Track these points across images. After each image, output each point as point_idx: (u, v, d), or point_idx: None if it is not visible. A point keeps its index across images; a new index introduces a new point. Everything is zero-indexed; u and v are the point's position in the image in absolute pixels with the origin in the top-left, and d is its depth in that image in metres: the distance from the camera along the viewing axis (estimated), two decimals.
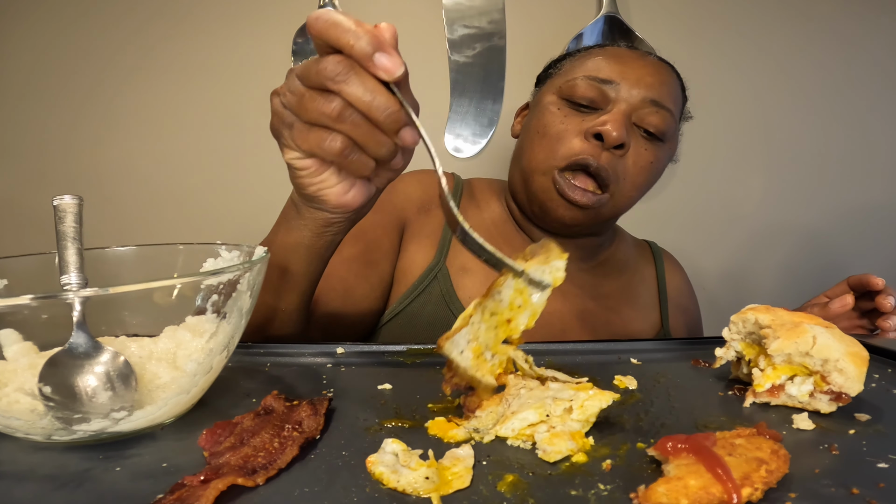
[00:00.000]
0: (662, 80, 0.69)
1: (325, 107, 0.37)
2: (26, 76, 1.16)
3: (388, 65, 0.36)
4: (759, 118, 1.19)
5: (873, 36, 1.17)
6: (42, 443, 0.34)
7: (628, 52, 0.72)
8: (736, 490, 0.25)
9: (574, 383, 0.39)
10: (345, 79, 0.36)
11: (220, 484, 0.27)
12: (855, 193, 1.22)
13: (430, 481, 0.28)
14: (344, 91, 0.36)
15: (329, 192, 0.44)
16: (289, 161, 0.43)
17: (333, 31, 0.36)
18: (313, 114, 0.38)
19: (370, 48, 0.36)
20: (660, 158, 0.70)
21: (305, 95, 0.38)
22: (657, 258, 0.87)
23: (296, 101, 0.39)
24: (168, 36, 1.15)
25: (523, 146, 0.74)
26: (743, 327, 0.43)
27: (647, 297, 0.82)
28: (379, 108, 0.37)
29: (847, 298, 0.68)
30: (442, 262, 0.73)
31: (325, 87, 0.37)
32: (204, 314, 0.39)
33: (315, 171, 0.43)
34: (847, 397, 0.37)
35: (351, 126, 0.38)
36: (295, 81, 0.39)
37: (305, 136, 0.40)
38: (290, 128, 0.41)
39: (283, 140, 0.42)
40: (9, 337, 0.34)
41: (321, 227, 0.49)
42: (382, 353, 0.51)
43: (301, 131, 0.40)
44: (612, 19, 1.12)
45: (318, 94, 0.38)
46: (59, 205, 0.38)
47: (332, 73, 0.36)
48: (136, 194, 1.18)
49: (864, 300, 0.70)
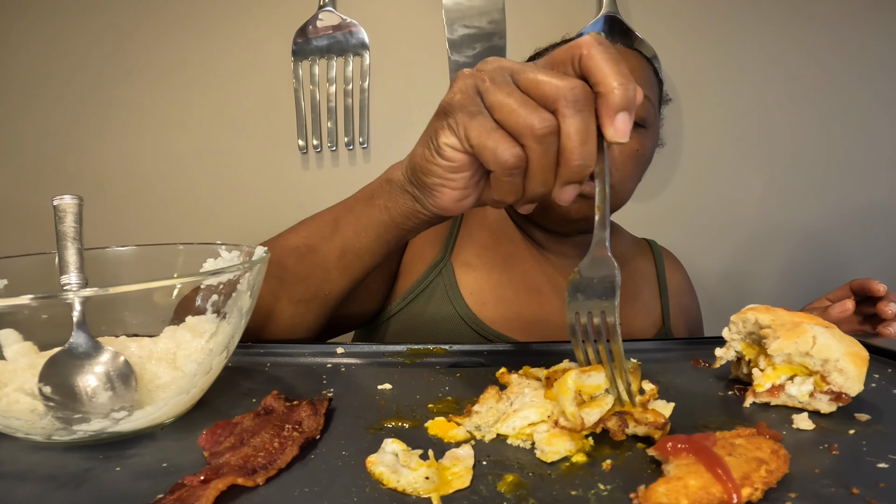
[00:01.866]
0: (633, 67, 0.70)
1: (534, 119, 0.33)
2: (26, 76, 1.16)
3: (624, 129, 0.33)
4: (760, 118, 1.19)
5: (875, 36, 1.17)
6: (42, 443, 0.34)
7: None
8: (736, 490, 0.25)
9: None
10: (577, 111, 0.33)
11: (220, 484, 0.27)
12: (856, 194, 1.22)
13: (430, 481, 0.28)
14: (566, 120, 0.33)
15: (449, 192, 0.41)
16: (442, 144, 0.38)
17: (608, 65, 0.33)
18: (514, 119, 0.34)
19: (624, 103, 0.33)
20: (645, 146, 0.71)
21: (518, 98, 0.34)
22: (657, 256, 0.87)
23: (501, 96, 0.34)
24: (168, 35, 1.15)
25: None
26: (743, 327, 0.43)
27: (647, 295, 0.82)
28: (581, 156, 0.33)
29: (847, 303, 0.68)
30: (447, 258, 0.73)
31: (546, 104, 0.34)
32: (204, 314, 0.39)
33: (456, 168, 0.39)
34: (847, 397, 0.37)
35: (540, 153, 0.34)
36: (505, 77, 0.35)
37: (487, 132, 0.35)
38: (472, 116, 0.36)
39: (453, 122, 0.37)
40: (9, 337, 0.34)
41: (404, 216, 0.46)
42: (382, 353, 0.51)
43: (483, 126, 0.35)
44: (612, 19, 1.12)
45: (534, 103, 0.34)
46: (59, 205, 0.38)
47: (572, 98, 0.33)
48: (136, 194, 1.18)
49: (865, 305, 0.69)
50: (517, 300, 0.73)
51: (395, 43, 1.15)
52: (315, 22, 1.12)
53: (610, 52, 0.33)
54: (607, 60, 0.33)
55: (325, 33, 1.13)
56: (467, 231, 0.77)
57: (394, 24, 1.14)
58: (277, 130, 1.16)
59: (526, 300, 0.73)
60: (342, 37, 1.13)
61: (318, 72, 1.14)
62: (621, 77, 0.33)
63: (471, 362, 0.49)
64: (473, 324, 0.69)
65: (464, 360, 0.50)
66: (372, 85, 1.15)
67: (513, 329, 0.70)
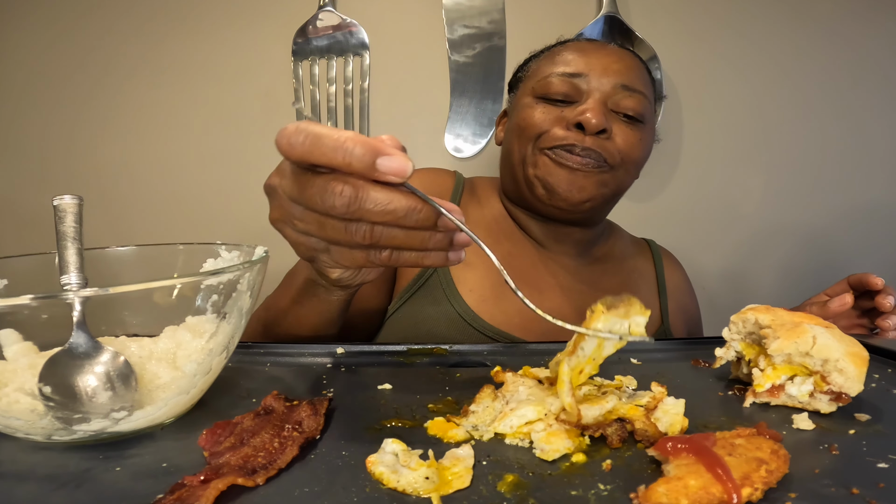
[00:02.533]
0: (628, 65, 0.72)
1: (355, 236, 0.35)
2: (27, 76, 1.16)
3: (396, 166, 0.33)
4: (759, 118, 1.19)
5: (874, 36, 1.17)
6: (42, 443, 0.34)
7: (590, 45, 0.74)
8: (736, 490, 0.25)
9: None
10: (358, 206, 0.34)
11: (220, 484, 0.27)
12: (855, 193, 1.22)
13: (430, 481, 0.28)
14: (365, 216, 0.34)
15: (370, 275, 0.45)
16: (336, 277, 0.43)
17: (320, 151, 0.33)
18: (346, 241, 0.36)
19: (369, 157, 0.32)
20: (644, 138, 0.72)
21: (326, 225, 0.36)
22: (656, 255, 0.87)
23: (317, 229, 0.37)
24: (168, 36, 1.15)
25: (509, 147, 0.75)
26: (743, 327, 0.43)
27: (646, 294, 0.82)
28: (406, 215, 0.34)
29: (846, 298, 0.68)
30: None
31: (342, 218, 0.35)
32: (204, 314, 0.39)
33: (358, 272, 0.44)
34: (847, 397, 0.37)
35: (388, 239, 0.36)
36: (295, 207, 0.37)
37: (350, 256, 0.38)
38: (327, 252, 0.39)
39: (322, 263, 0.41)
40: (9, 337, 0.34)
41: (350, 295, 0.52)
42: (382, 353, 0.51)
43: (342, 253, 0.38)
44: (612, 19, 1.12)
45: (339, 221, 0.35)
46: (59, 205, 0.38)
47: (344, 206, 0.34)
48: (136, 194, 1.18)
49: (864, 299, 0.70)
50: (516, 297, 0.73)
51: (395, 43, 1.15)
52: (315, 22, 1.12)
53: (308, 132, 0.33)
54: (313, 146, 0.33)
55: (325, 33, 1.13)
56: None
57: (394, 24, 1.14)
58: (277, 130, 1.15)
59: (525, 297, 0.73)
60: (342, 37, 1.13)
61: (318, 72, 1.14)
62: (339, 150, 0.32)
63: (471, 362, 0.49)
64: (473, 321, 0.69)
65: (464, 360, 0.50)
66: (372, 85, 1.15)
67: (512, 326, 0.70)
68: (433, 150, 1.16)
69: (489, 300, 0.71)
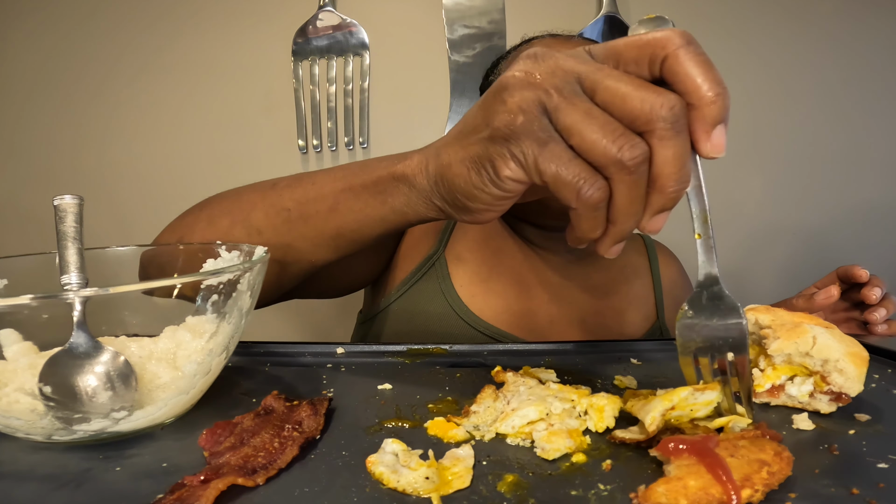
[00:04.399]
0: None
1: (624, 148, 0.28)
2: (29, 77, 1.16)
3: (720, 143, 0.29)
4: (759, 118, 1.19)
5: (871, 37, 1.17)
6: (42, 443, 0.34)
7: (554, 40, 0.73)
8: (735, 491, 0.25)
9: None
10: (677, 133, 0.28)
11: (220, 484, 0.27)
12: (854, 193, 1.22)
13: (430, 481, 0.28)
14: (663, 143, 0.28)
15: (493, 214, 0.36)
16: (505, 178, 0.32)
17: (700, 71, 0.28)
18: (599, 149, 0.28)
19: (722, 114, 0.28)
20: None
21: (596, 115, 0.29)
22: (650, 249, 0.87)
23: (577, 117, 0.29)
24: (170, 37, 1.15)
25: None
26: None
27: (640, 289, 0.82)
28: (679, 181, 0.29)
29: (832, 290, 0.67)
30: (441, 251, 0.74)
31: (635, 124, 0.28)
32: (204, 314, 0.39)
33: (512, 197, 0.34)
34: (847, 397, 0.37)
35: (630, 184, 0.29)
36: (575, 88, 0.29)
37: (564, 165, 0.30)
38: (542, 144, 0.30)
39: (518, 150, 0.31)
40: (9, 337, 0.34)
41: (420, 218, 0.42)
42: (382, 353, 0.51)
43: (558, 157, 0.30)
44: (612, 19, 1.12)
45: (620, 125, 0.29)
46: (60, 204, 0.38)
47: (671, 118, 0.28)
48: (136, 194, 1.18)
49: (854, 291, 0.69)
50: (505, 293, 0.73)
51: (395, 43, 1.15)
52: (315, 22, 1.12)
53: (700, 54, 0.28)
54: (699, 65, 0.28)
55: (325, 33, 1.13)
56: (462, 226, 0.78)
57: (394, 24, 1.14)
58: (277, 130, 1.16)
59: (514, 293, 0.74)
60: (342, 37, 1.13)
61: (318, 72, 1.14)
62: (717, 86, 0.28)
63: (471, 362, 0.49)
64: (465, 315, 0.70)
65: (464, 360, 0.50)
66: (372, 85, 1.15)
67: (501, 320, 0.71)
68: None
69: (478, 295, 0.72)
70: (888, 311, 0.66)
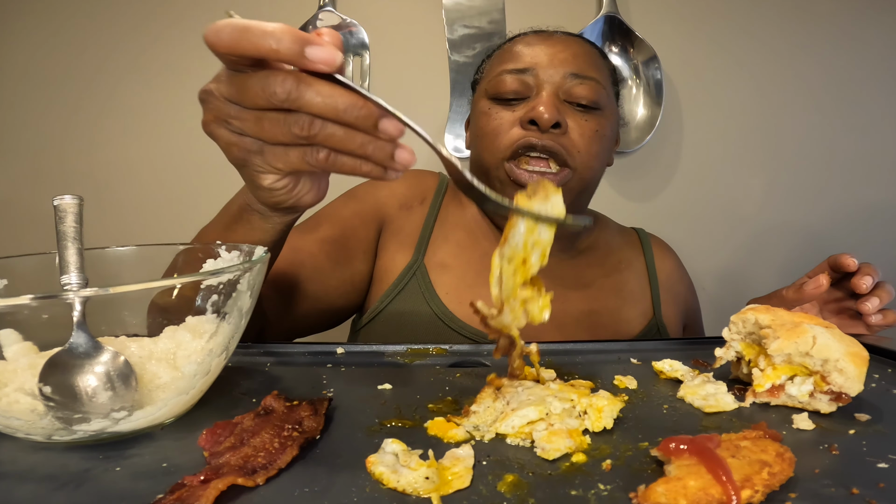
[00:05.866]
0: (575, 52, 0.71)
1: (294, 127, 0.35)
2: (25, 76, 1.16)
3: (324, 55, 0.33)
4: (760, 118, 1.19)
5: (876, 35, 1.17)
6: (42, 443, 0.34)
7: (536, 37, 0.73)
8: (735, 492, 0.25)
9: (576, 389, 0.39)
10: (298, 94, 0.34)
11: (220, 484, 0.27)
12: (856, 194, 1.22)
13: (430, 481, 0.28)
14: (304, 106, 0.34)
15: (306, 197, 0.44)
16: (268, 185, 0.41)
17: (247, 39, 0.33)
18: (284, 136, 0.36)
19: (297, 45, 0.33)
20: (603, 125, 0.71)
21: (264, 119, 0.36)
22: (645, 244, 0.86)
23: (253, 125, 0.37)
24: (167, 35, 1.15)
25: (476, 154, 0.75)
26: (743, 327, 0.43)
27: (635, 285, 0.81)
28: (346, 109, 0.34)
29: (821, 279, 0.66)
30: (420, 260, 0.74)
31: (280, 108, 0.35)
32: (204, 314, 0.39)
33: (293, 185, 0.42)
34: (847, 397, 0.37)
35: (326, 137, 0.36)
36: (231, 106, 0.37)
37: (285, 156, 0.38)
38: (261, 153, 0.39)
39: (255, 167, 0.40)
40: (9, 337, 0.34)
41: (288, 224, 0.49)
42: (382, 353, 0.51)
43: (277, 154, 0.38)
44: (612, 19, 1.12)
45: (278, 114, 0.36)
46: (60, 205, 0.38)
47: (285, 92, 0.34)
48: (135, 194, 1.18)
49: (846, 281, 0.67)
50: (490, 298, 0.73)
51: (395, 43, 1.15)
52: (315, 22, 1.12)
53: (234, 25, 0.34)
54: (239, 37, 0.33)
55: None
56: (442, 233, 0.77)
57: (394, 24, 1.14)
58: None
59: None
60: (342, 37, 1.13)
61: None
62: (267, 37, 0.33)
63: (471, 362, 0.49)
64: (451, 322, 0.69)
65: (464, 360, 0.50)
66: (372, 85, 1.15)
67: None
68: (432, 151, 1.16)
69: (465, 302, 0.71)
70: (882, 300, 0.63)
